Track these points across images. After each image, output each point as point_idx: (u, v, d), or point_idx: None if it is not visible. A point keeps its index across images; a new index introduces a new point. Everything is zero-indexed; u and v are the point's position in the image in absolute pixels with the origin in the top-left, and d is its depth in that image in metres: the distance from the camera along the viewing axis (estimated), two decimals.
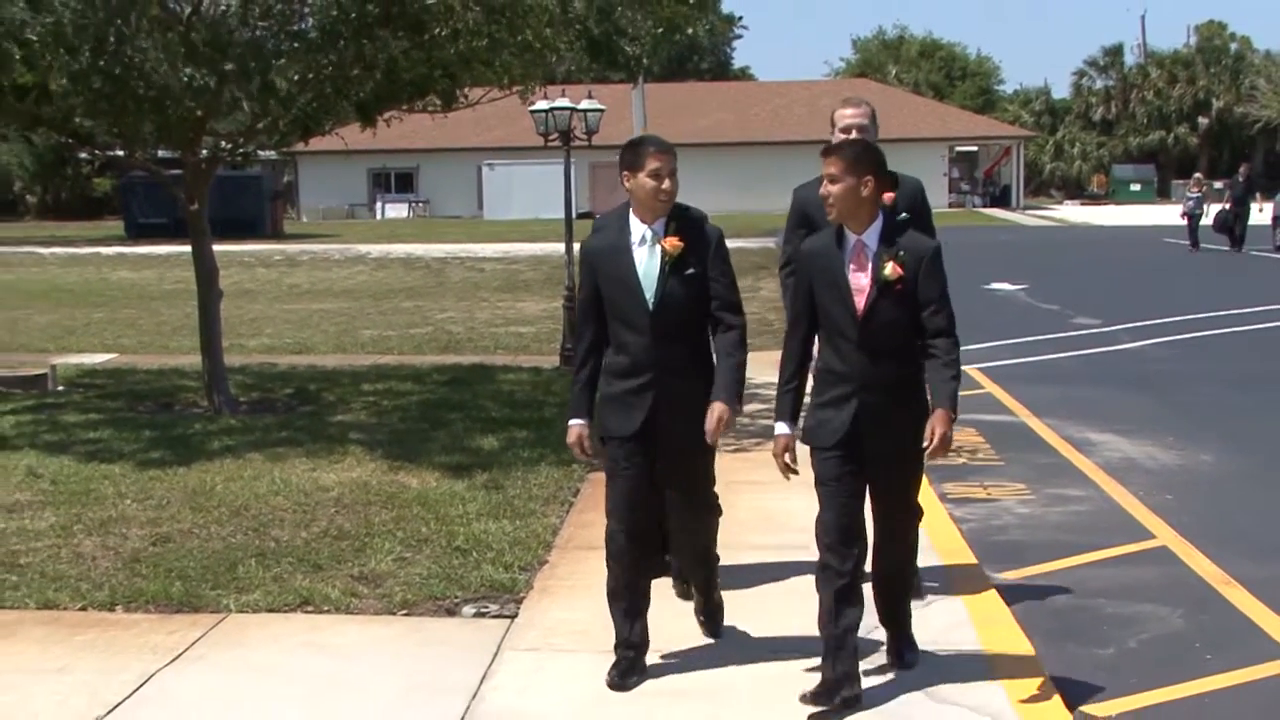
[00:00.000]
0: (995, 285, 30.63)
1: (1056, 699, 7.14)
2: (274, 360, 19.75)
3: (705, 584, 7.95)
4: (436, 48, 13.98)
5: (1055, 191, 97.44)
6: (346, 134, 17.32)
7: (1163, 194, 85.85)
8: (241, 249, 44.45)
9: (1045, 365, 19.68)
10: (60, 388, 17.19)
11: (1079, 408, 16.05)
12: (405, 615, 8.42)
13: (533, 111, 22.13)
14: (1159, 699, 7.35)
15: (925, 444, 6.54)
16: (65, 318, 26.59)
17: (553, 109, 22.08)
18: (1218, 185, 51.58)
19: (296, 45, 14.08)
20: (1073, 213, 79.04)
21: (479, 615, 8.39)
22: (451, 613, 8.46)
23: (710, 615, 8.00)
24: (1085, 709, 7.15)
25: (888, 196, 7.40)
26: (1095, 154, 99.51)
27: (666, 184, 7.15)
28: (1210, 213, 44.22)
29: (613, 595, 7.39)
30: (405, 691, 7.00)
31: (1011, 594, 8.98)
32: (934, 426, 6.56)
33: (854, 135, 8.04)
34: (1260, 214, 44.35)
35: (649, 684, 7.26)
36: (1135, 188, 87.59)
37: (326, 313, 27.31)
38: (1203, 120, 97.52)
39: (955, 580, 8.88)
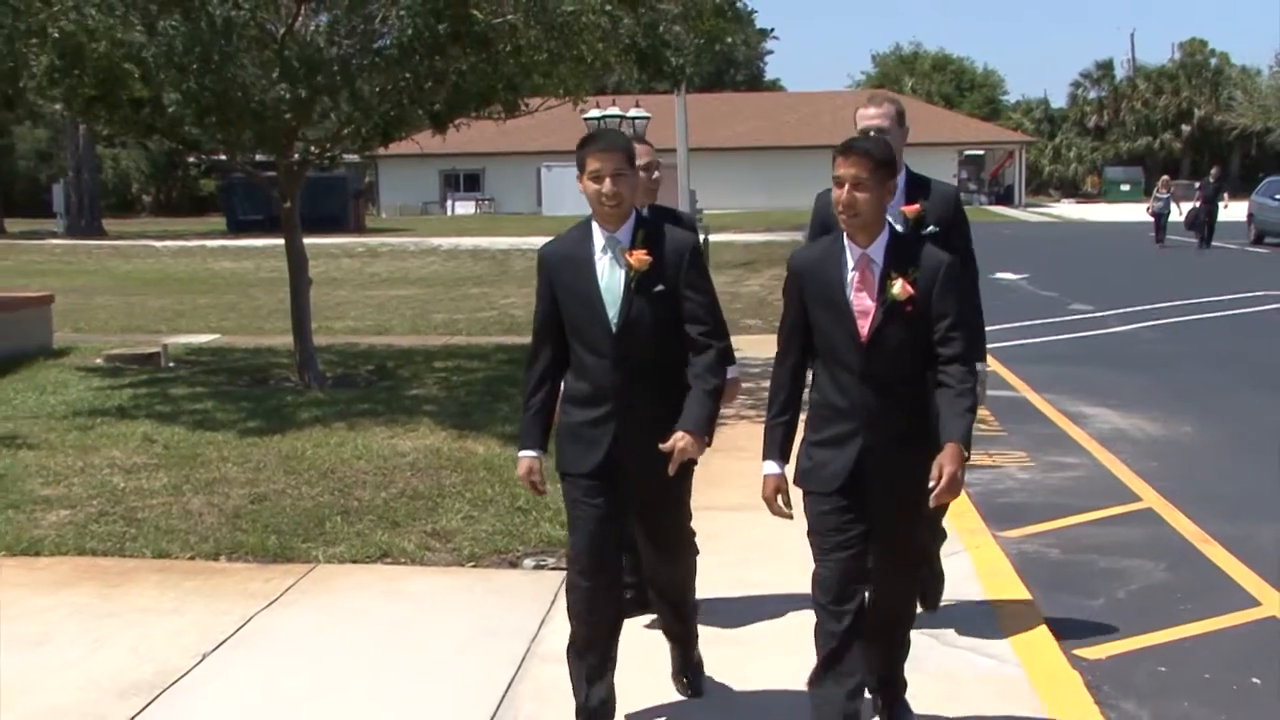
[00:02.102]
0: (999, 274, 30.45)
1: (1052, 643, 7.16)
2: (356, 340, 19.81)
3: (681, 638, 6.42)
4: (500, 62, 14.01)
5: (1053, 191, 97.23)
6: (420, 139, 17.35)
7: (1150, 194, 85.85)
8: (328, 242, 44.55)
9: (1044, 346, 19.61)
10: (171, 364, 17.28)
11: (1074, 384, 16.03)
12: (473, 567, 8.47)
13: (586, 118, 22.23)
14: (1144, 644, 7.34)
15: (931, 483, 5.16)
16: (175, 302, 26.72)
17: (604, 116, 22.22)
18: (1196, 185, 51.43)
19: (377, 61, 14.11)
20: (1069, 210, 78.94)
21: (538, 568, 8.41)
22: (514, 565, 8.49)
23: (689, 675, 6.48)
24: (1078, 652, 7.13)
25: (911, 209, 6.67)
26: (1089, 157, 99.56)
27: (608, 186, 5.57)
28: (1180, 210, 44.13)
29: (573, 652, 5.92)
30: (472, 634, 7.03)
31: (1013, 550, 8.99)
32: (942, 464, 5.18)
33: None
34: (1226, 211, 44.05)
35: None
36: (1125, 188, 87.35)
37: (403, 298, 27.35)
38: (1185, 128, 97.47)
39: (964, 538, 8.89)
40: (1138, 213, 50.17)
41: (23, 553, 8.92)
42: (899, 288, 5.33)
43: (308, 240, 16.10)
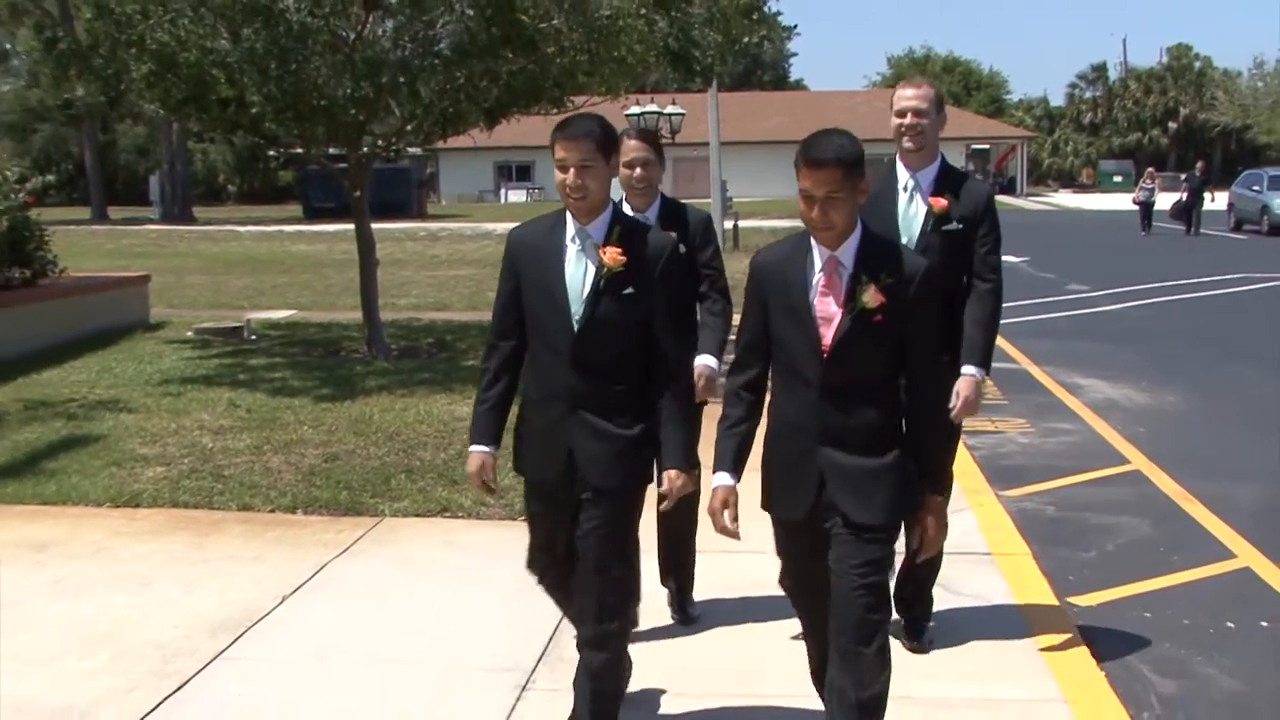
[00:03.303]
0: (1003, 257, 30.28)
1: (1048, 591, 7.16)
2: (418, 316, 19.86)
3: (600, 667, 4.98)
4: (547, 63, 14.01)
5: (1052, 182, 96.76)
6: (476, 133, 17.35)
7: (1137, 185, 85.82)
8: (393, 227, 44.60)
9: (1043, 323, 19.52)
10: (252, 337, 17.36)
11: (1069, 357, 16.01)
12: (523, 521, 8.48)
13: (626, 114, 22.20)
14: (1131, 592, 7.35)
15: (916, 544, 4.58)
16: (256, 281, 26.82)
17: (643, 113, 22.19)
18: (1181, 177, 51.34)
19: (436, 63, 14.14)
20: (1066, 199, 78.60)
21: None
22: None
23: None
24: (1071, 599, 7.14)
25: (939, 203, 5.93)
26: (1085, 151, 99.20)
27: (571, 177, 4.72)
28: (1166, 201, 44.13)
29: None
30: (525, 582, 7.06)
31: (1013, 507, 8.99)
32: (925, 524, 4.55)
33: (909, 120, 5.93)
34: (1213, 203, 43.94)
35: None
36: (1117, 179, 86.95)
37: (460, 278, 27.35)
38: (1172, 125, 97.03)
39: (968, 496, 8.89)
40: (1128, 202, 49.99)
41: (125, 504, 9.02)
42: (869, 295, 4.35)
43: (375, 225, 16.14)
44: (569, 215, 4.85)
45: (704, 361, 6.16)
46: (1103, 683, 5.93)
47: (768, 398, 4.71)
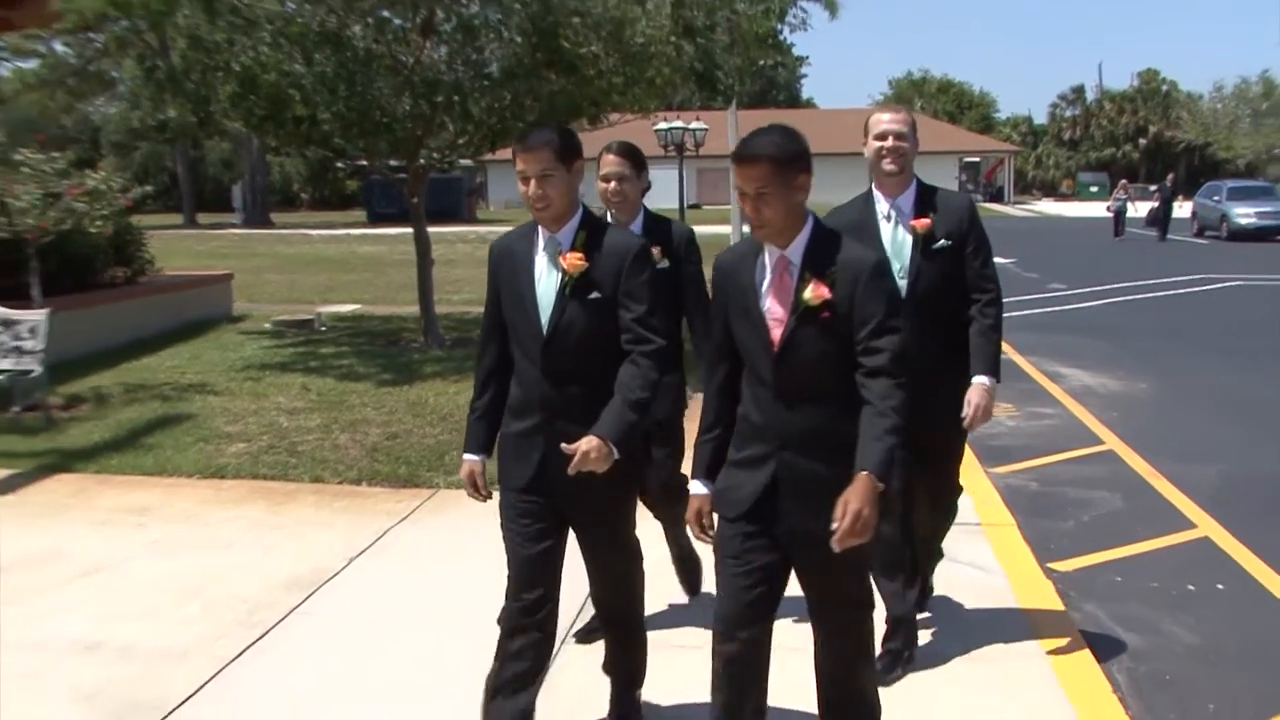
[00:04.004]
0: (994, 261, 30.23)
1: (1030, 557, 7.16)
2: (469, 310, 19.87)
3: (625, 674, 4.91)
4: (586, 84, 14.05)
5: (1036, 191, 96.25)
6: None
7: (1111, 195, 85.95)
8: (447, 230, 44.59)
9: (1028, 317, 19.46)
10: (322, 328, 17.44)
11: (1052, 349, 15.93)
12: None
13: (656, 129, 22.19)
14: (1104, 558, 7.34)
15: (834, 524, 3.66)
16: (325, 279, 26.91)
17: (671, 128, 22.17)
18: (1151, 188, 51.39)
19: (485, 84, 14.17)
20: (1048, 207, 78.09)
21: None
22: None
23: (624, 681, 4.92)
24: (1051, 565, 7.13)
25: (922, 224, 5.31)
26: (1065, 164, 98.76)
27: (531, 188, 4.33)
28: (1137, 208, 44.42)
29: (489, 689, 4.54)
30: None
31: (1001, 483, 8.98)
32: (846, 501, 3.66)
33: (891, 143, 5.29)
34: (1181, 209, 44.00)
35: None
36: (1094, 189, 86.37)
37: None
38: (1142, 141, 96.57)
39: (961, 473, 8.87)
40: (1104, 210, 49.89)
41: (211, 476, 9.09)
42: (810, 291, 3.88)
43: (430, 229, 16.17)
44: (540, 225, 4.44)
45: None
46: (1079, 638, 5.92)
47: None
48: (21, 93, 62.88)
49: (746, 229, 14.28)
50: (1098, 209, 60.29)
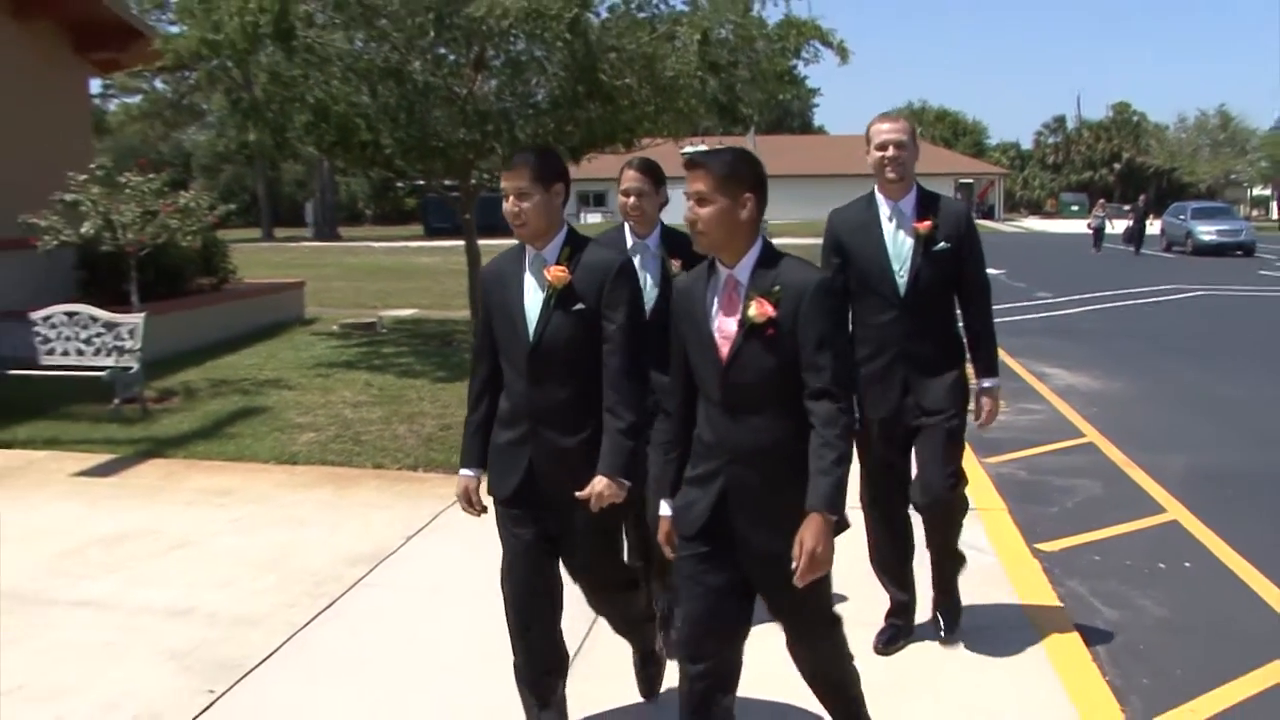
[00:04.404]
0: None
1: (1019, 539, 7.13)
2: None
3: (640, 641, 4.71)
4: (621, 112, 14.07)
5: (1023, 210, 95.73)
6: None
7: (1090, 213, 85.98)
8: (495, 243, 44.28)
9: (1017, 323, 19.34)
10: (383, 330, 17.48)
11: (1038, 351, 15.86)
12: None
13: (682, 153, 22.11)
14: (1085, 540, 7.29)
15: (793, 564, 3.43)
16: (387, 286, 26.98)
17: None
18: (1125, 208, 51.35)
19: (531, 112, 14.17)
20: (1034, 224, 77.81)
21: None
22: None
23: (648, 671, 4.78)
24: (1038, 545, 7.09)
25: (924, 225, 5.08)
26: (1049, 185, 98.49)
27: (509, 205, 4.10)
28: (1114, 225, 44.88)
29: (517, 679, 4.35)
30: None
31: (993, 472, 8.93)
32: (801, 540, 3.43)
33: (891, 153, 5.06)
34: (1151, 227, 44.19)
35: None
36: (1074, 208, 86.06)
37: None
38: (1116, 165, 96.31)
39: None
40: (1083, 227, 49.79)
41: (285, 462, 9.11)
42: (755, 308, 3.56)
43: (481, 241, 16.16)
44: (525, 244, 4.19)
45: None
46: (1062, 612, 5.89)
47: None
48: (126, 124, 63.49)
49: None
50: (1078, 225, 60.10)
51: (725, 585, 3.71)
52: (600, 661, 5.17)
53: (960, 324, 5.28)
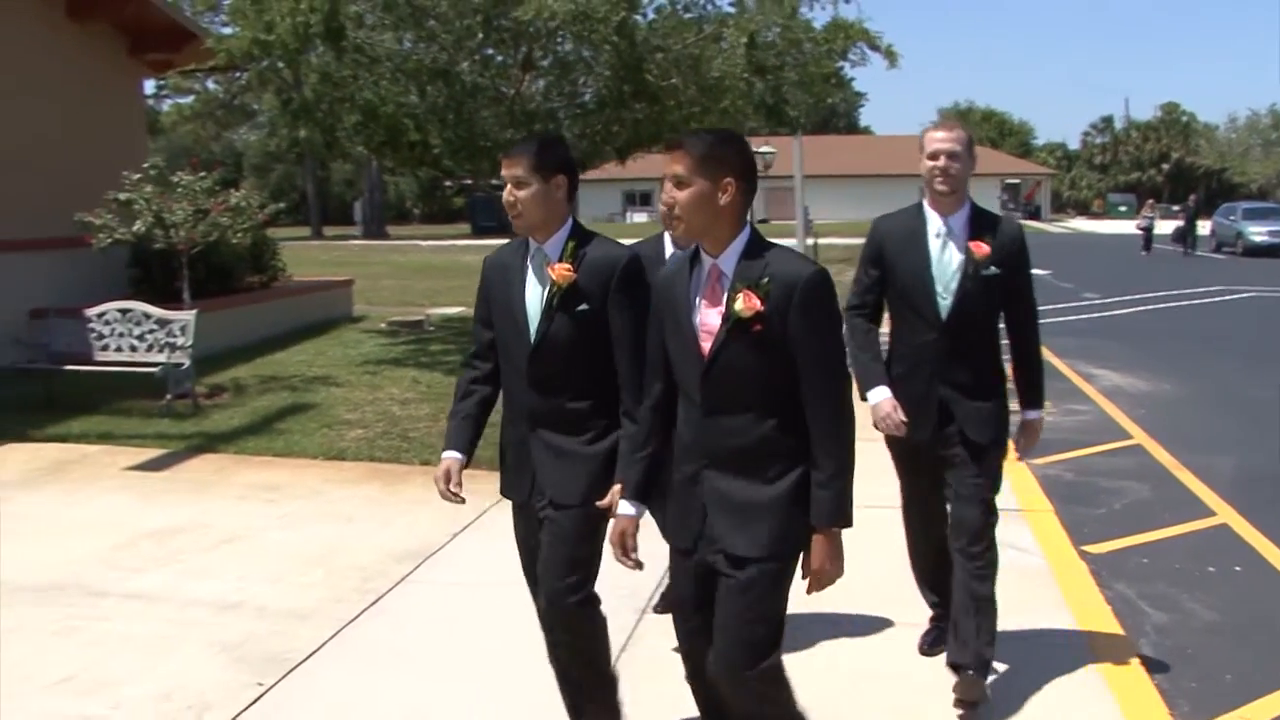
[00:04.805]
0: (1030, 271, 29.94)
1: (1066, 541, 7.06)
2: None
3: (599, 705, 4.15)
4: (666, 113, 14.10)
5: (1070, 210, 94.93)
6: (607, 167, 17.44)
7: (1139, 214, 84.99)
8: None
9: (1064, 324, 19.17)
10: (431, 328, 17.56)
11: (1085, 352, 15.70)
12: None
13: None
14: (1132, 542, 7.20)
15: (804, 579, 3.37)
16: (434, 284, 27.10)
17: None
18: (1174, 208, 50.65)
19: (578, 112, 14.24)
20: (1081, 224, 77.13)
21: None
22: None
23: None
24: (1085, 547, 7.02)
25: (981, 250, 4.67)
26: (1096, 186, 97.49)
27: (506, 194, 3.91)
28: (1162, 226, 44.15)
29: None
30: (652, 528, 7.10)
31: (1039, 473, 8.84)
32: (810, 563, 3.36)
33: (942, 163, 4.64)
34: (1201, 228, 43.61)
35: None
36: (1122, 208, 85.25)
37: None
38: (1165, 166, 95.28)
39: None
40: (1132, 227, 49.24)
41: (333, 458, 9.17)
42: (742, 302, 3.27)
43: None
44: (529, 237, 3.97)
45: None
46: (1109, 614, 5.83)
47: None
48: (179, 124, 64.27)
49: (810, 241, 14.25)
50: (1126, 226, 59.47)
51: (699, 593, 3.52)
52: (643, 656, 5.17)
53: (1004, 348, 4.90)
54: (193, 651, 5.41)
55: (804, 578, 3.38)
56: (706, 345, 3.37)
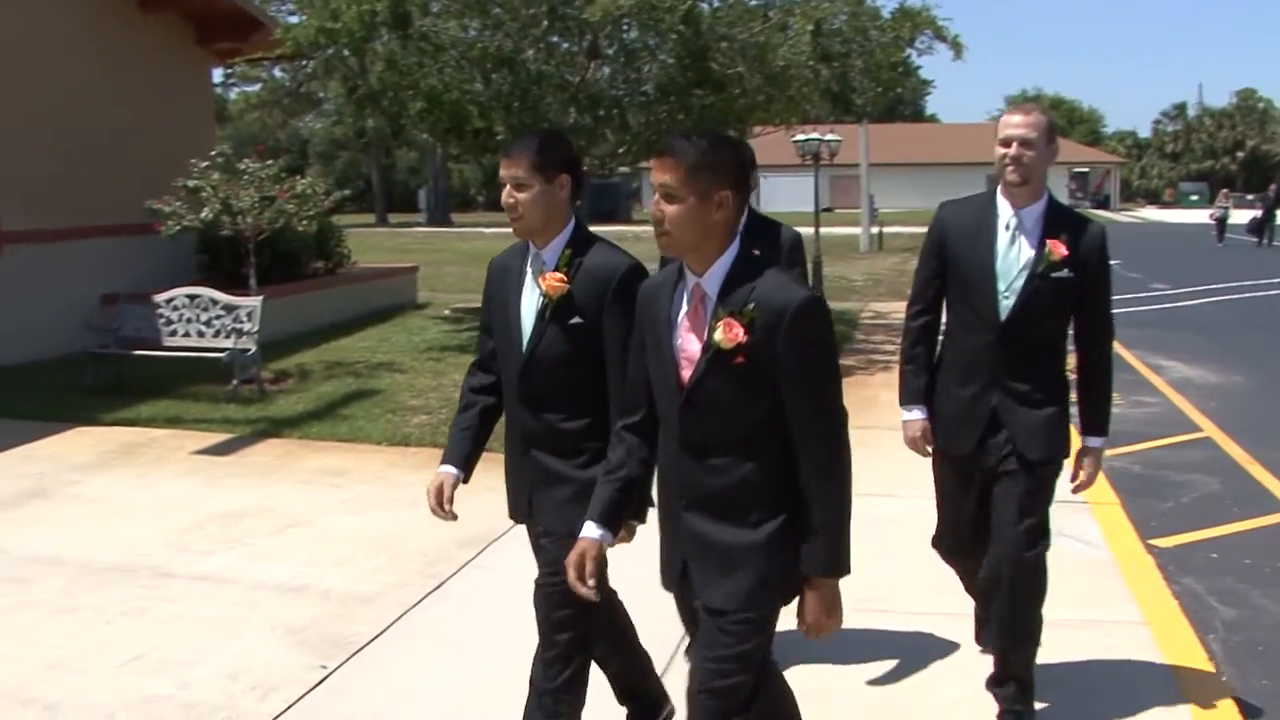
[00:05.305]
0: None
1: (1133, 534, 6.99)
2: None
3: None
4: (731, 101, 14.05)
5: (1140, 199, 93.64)
6: None
7: (1212, 203, 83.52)
8: (606, 229, 44.36)
9: (1132, 314, 18.89)
10: None
11: (1154, 343, 15.46)
12: None
13: (794, 140, 22.02)
14: (1201, 536, 7.11)
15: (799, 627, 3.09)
16: None
17: (808, 139, 21.97)
18: (1250, 197, 49.52)
19: (642, 100, 14.23)
20: (1151, 214, 76.04)
21: None
22: None
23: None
24: (1152, 541, 6.93)
25: (1059, 249, 4.20)
26: (1167, 175, 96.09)
27: (505, 196, 3.62)
28: (1236, 216, 43.09)
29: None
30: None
31: (1105, 466, 8.69)
32: (803, 614, 3.08)
33: (1014, 151, 4.18)
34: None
35: None
36: (1194, 198, 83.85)
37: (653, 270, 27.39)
38: (1239, 154, 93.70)
39: (1071, 458, 8.69)
40: (1204, 217, 48.34)
41: (398, 444, 9.26)
42: (724, 332, 2.92)
43: (591, 228, 16.25)
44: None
45: None
46: (1176, 609, 5.77)
47: None
48: (245, 112, 65.00)
49: (875, 230, 14.17)
50: (1197, 216, 58.47)
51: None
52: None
53: (1068, 364, 4.43)
54: (258, 633, 5.49)
55: (799, 627, 3.11)
56: (686, 374, 3.04)
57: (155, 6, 15.39)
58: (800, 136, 21.74)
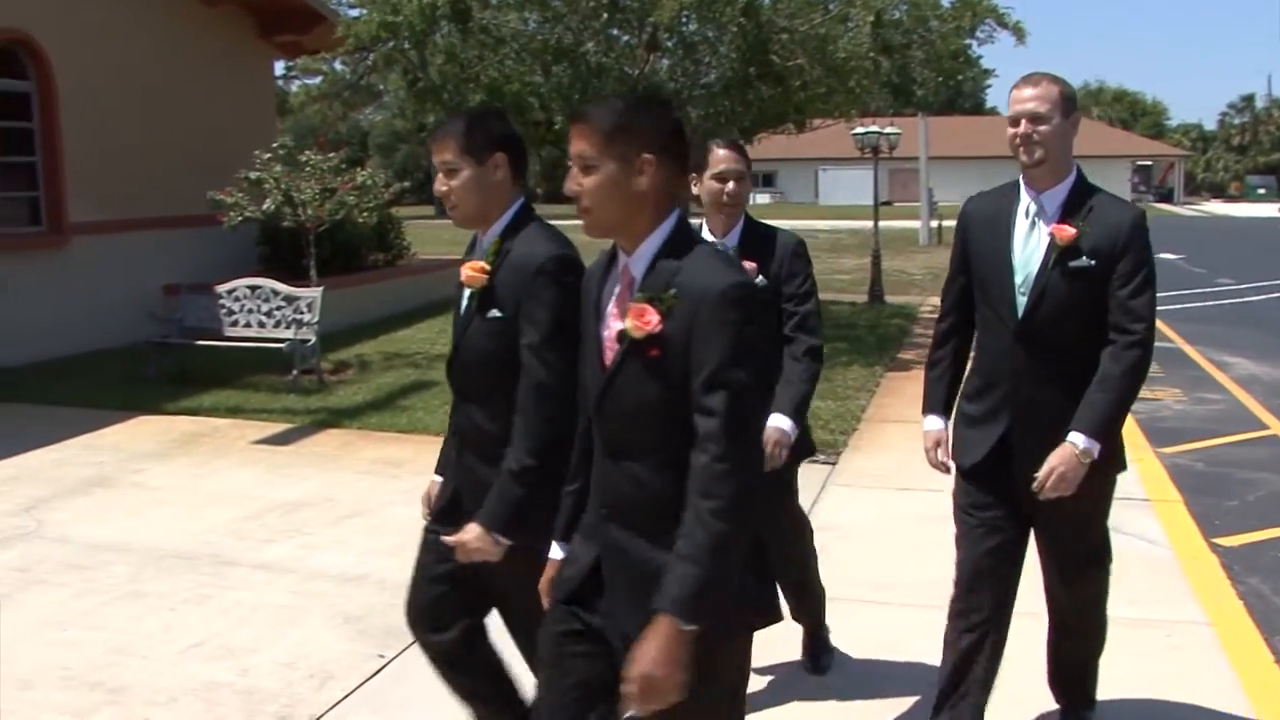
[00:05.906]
0: (1162, 255, 29.07)
1: (1196, 533, 6.89)
2: None
3: None
4: (791, 94, 14.02)
5: (1205, 193, 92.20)
6: None
7: None
8: None
9: (1196, 310, 18.62)
10: None
11: (1219, 339, 15.25)
12: None
13: (853, 133, 21.90)
14: (1267, 536, 6.99)
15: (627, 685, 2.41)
16: None
17: (867, 132, 21.86)
18: None
19: (702, 93, 14.20)
20: (1216, 208, 74.89)
21: (812, 462, 8.36)
22: None
23: None
24: (1216, 540, 6.84)
25: (1064, 232, 3.64)
26: (1233, 168, 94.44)
27: (438, 183, 3.34)
28: None
29: None
30: None
31: (1169, 462, 8.64)
32: (635, 659, 2.39)
33: (1023, 128, 3.68)
34: None
35: None
36: (1261, 191, 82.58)
37: None
38: None
39: (1132, 453, 8.54)
40: (1272, 211, 47.55)
41: None
42: (634, 319, 2.52)
43: None
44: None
45: (775, 424, 4.09)
46: (1241, 610, 5.68)
47: None
48: (306, 104, 65.73)
49: (934, 223, 14.07)
50: (1265, 210, 57.52)
51: (594, 678, 2.69)
52: None
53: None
54: (316, 622, 5.55)
55: (622, 688, 2.45)
56: (608, 360, 2.65)
57: (219, 0, 15.58)
58: (859, 130, 21.62)
